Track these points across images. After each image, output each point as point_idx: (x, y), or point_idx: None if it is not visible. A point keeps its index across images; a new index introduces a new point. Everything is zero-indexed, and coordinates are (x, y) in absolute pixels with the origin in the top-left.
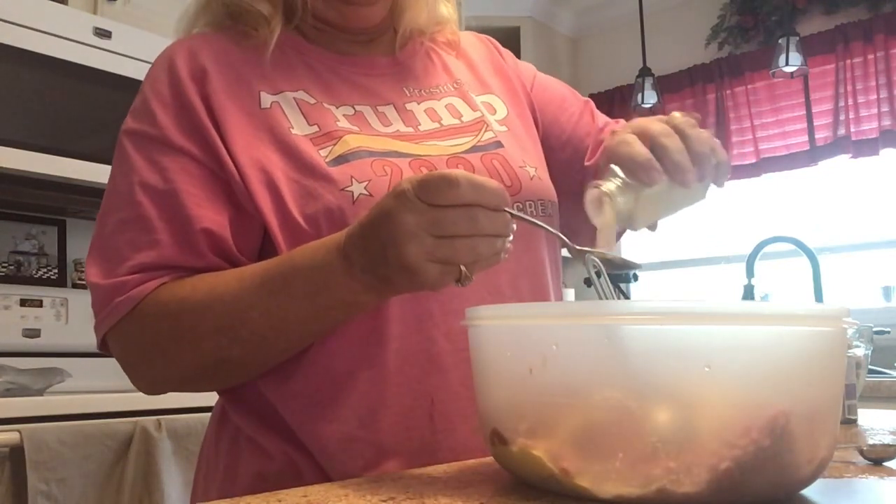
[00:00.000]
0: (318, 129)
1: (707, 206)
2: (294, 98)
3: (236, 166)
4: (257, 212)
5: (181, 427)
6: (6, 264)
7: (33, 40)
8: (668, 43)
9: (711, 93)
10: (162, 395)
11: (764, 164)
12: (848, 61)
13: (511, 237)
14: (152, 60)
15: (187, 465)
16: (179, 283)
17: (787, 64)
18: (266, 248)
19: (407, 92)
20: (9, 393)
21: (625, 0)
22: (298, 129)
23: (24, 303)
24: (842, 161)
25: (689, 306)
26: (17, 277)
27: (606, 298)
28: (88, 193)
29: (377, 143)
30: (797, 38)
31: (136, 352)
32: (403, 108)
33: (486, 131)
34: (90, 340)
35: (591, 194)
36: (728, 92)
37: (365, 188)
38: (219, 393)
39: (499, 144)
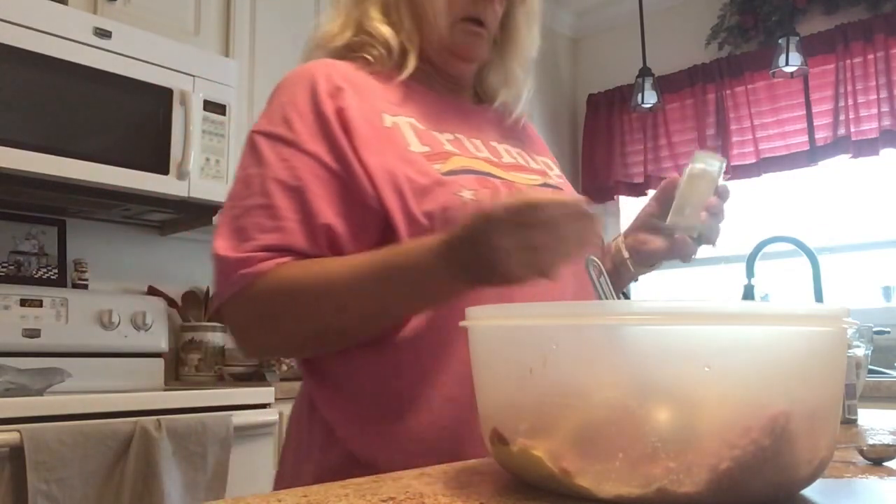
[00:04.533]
0: (430, 149)
1: None
2: (408, 122)
3: (365, 169)
4: (383, 208)
5: (181, 427)
6: (6, 264)
7: (33, 40)
8: (668, 43)
9: (711, 93)
10: (162, 395)
11: (764, 164)
12: (848, 61)
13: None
14: (152, 60)
15: (187, 465)
16: (298, 263)
17: (787, 64)
18: (385, 241)
19: (489, 132)
20: (9, 393)
21: (625, 0)
22: (415, 147)
23: (24, 303)
24: (842, 161)
25: (690, 306)
26: (17, 277)
27: (606, 298)
28: (88, 193)
29: (476, 165)
30: (797, 38)
31: (253, 319)
32: (488, 143)
33: (548, 177)
34: (90, 340)
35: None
36: (728, 92)
37: (472, 195)
38: (310, 387)
39: (559, 188)
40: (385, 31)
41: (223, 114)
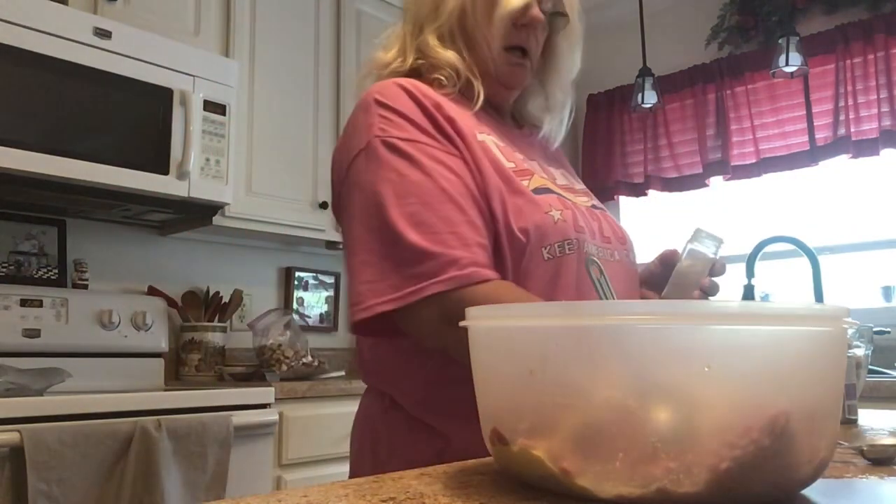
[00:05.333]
0: (514, 166)
1: (707, 206)
2: (493, 140)
3: (482, 178)
4: (492, 217)
5: (181, 427)
6: (6, 264)
7: (33, 40)
8: (668, 43)
9: (711, 93)
10: (162, 395)
11: (764, 164)
12: (848, 61)
13: None
14: (152, 60)
15: (187, 465)
16: (506, 283)
17: (787, 64)
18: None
19: (537, 156)
20: (9, 393)
21: (625, 0)
22: (504, 162)
23: (24, 303)
24: (842, 161)
25: (690, 306)
26: (17, 277)
27: (606, 298)
28: (88, 193)
29: (550, 185)
30: (797, 38)
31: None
32: (543, 165)
33: (592, 198)
34: (90, 340)
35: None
36: (728, 92)
37: (560, 216)
38: (382, 385)
39: (603, 209)
40: (450, 55)
41: (223, 114)
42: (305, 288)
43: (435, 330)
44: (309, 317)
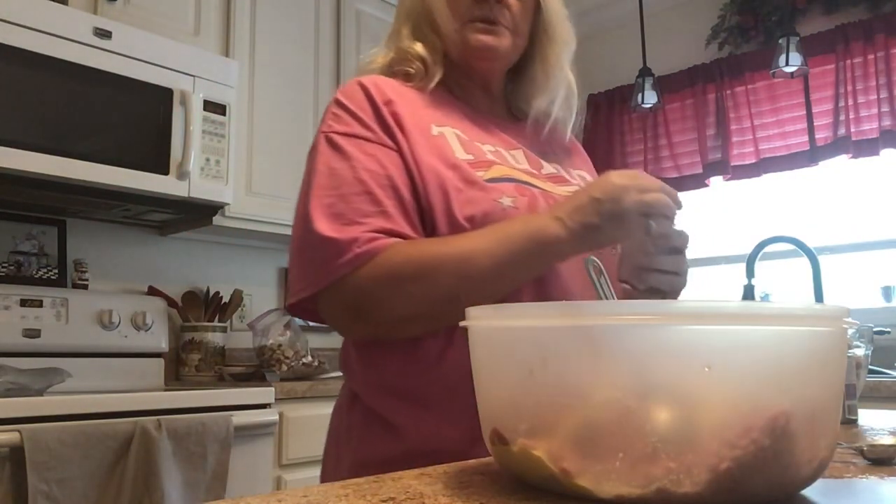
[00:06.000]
0: (473, 157)
1: (707, 207)
2: (454, 132)
3: (418, 169)
4: (428, 207)
5: (181, 427)
6: (6, 264)
7: (33, 40)
8: (668, 43)
9: (711, 93)
10: (162, 395)
11: (764, 164)
12: (848, 61)
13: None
14: (152, 60)
15: (187, 465)
16: (412, 242)
17: (787, 64)
18: None
19: (527, 146)
20: (9, 393)
21: (625, 0)
22: (460, 155)
23: (24, 303)
24: (842, 161)
25: (689, 306)
26: (17, 277)
27: (606, 298)
28: (88, 193)
29: (516, 174)
30: (797, 38)
31: (374, 294)
32: (529, 154)
33: None
34: (90, 340)
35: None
36: (728, 92)
37: (511, 202)
38: (351, 382)
39: None
40: (417, 46)
41: (223, 114)
42: None
43: (339, 316)
44: None
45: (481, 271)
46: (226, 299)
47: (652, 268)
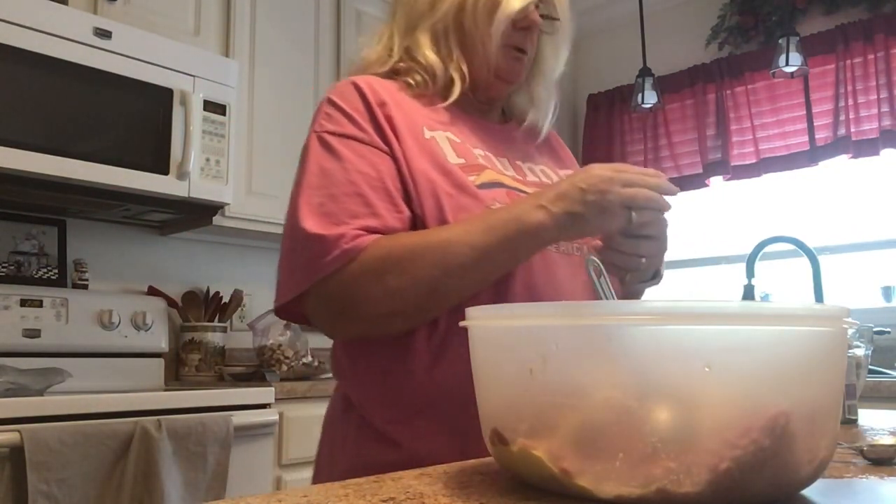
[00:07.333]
0: (465, 161)
1: (707, 207)
2: (445, 136)
3: (410, 174)
4: (421, 213)
5: (181, 427)
6: (6, 264)
7: (33, 40)
8: (668, 43)
9: (711, 93)
10: (162, 395)
11: (764, 164)
12: (848, 61)
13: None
14: (152, 60)
15: (187, 465)
16: (394, 236)
17: (787, 64)
18: None
19: (515, 151)
20: (9, 393)
21: (625, 0)
22: (451, 159)
23: (24, 303)
24: (842, 161)
25: (689, 306)
26: (17, 277)
27: (606, 298)
28: (88, 193)
29: (506, 180)
30: (797, 38)
31: (360, 289)
32: (514, 162)
33: None
34: (90, 340)
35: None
36: (728, 92)
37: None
38: (343, 386)
39: None
40: (434, 60)
41: (223, 114)
42: None
43: (325, 316)
44: None
45: (461, 260)
46: (226, 299)
47: (613, 247)
